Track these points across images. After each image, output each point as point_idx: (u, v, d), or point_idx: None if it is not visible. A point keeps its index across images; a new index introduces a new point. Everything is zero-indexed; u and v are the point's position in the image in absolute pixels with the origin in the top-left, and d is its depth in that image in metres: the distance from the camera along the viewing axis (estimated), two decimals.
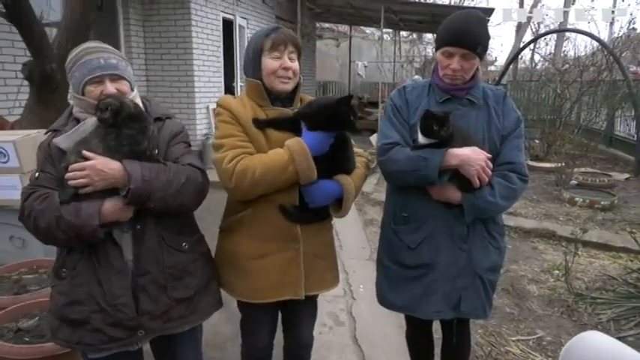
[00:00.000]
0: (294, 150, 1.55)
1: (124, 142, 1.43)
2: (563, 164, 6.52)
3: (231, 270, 1.72)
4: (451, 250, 1.72)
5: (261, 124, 1.64)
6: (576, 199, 5.65)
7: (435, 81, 1.79)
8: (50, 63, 3.42)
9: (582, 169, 7.00)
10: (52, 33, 3.96)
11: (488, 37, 1.70)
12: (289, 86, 1.68)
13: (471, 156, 1.60)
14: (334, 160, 1.64)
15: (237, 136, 1.61)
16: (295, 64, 1.68)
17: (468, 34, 1.64)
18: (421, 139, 1.67)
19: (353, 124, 1.58)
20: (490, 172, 1.64)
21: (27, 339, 1.99)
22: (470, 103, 1.74)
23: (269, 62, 1.65)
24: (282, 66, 1.64)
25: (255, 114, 1.66)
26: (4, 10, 3.29)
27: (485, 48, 1.69)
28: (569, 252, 3.52)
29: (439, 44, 1.72)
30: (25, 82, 3.74)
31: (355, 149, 1.79)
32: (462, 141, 1.64)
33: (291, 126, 1.63)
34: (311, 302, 1.87)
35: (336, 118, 1.57)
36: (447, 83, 1.73)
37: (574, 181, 6.44)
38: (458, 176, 1.64)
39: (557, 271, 3.72)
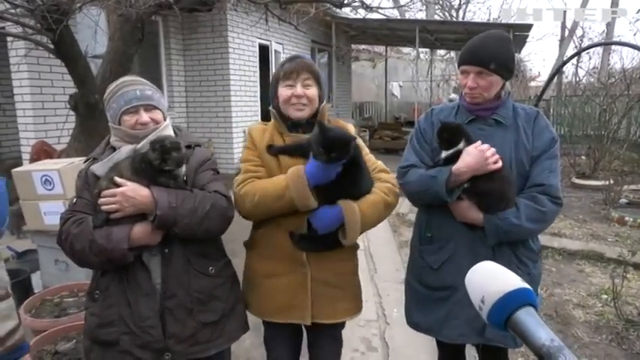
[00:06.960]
0: (290, 178, 1.58)
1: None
2: (612, 181, 6.21)
3: (247, 285, 1.78)
4: None
5: (273, 151, 1.69)
6: (626, 218, 5.34)
7: (462, 102, 1.80)
8: (94, 94, 3.62)
9: (633, 187, 6.62)
10: (97, 65, 4.20)
11: (507, 54, 1.67)
12: (304, 114, 1.70)
13: (470, 162, 1.58)
14: (342, 187, 1.62)
15: (252, 161, 1.71)
16: (310, 91, 1.69)
17: (479, 52, 1.65)
18: (443, 153, 1.68)
19: (319, 153, 1.52)
20: (497, 156, 1.60)
21: None
22: (496, 123, 1.71)
23: (283, 91, 1.70)
24: (294, 94, 1.68)
25: (274, 140, 1.71)
26: (51, 46, 3.53)
27: (504, 65, 1.65)
28: (618, 275, 3.32)
29: (458, 64, 1.75)
30: (72, 113, 3.98)
31: (382, 174, 1.75)
32: None
33: (303, 153, 1.64)
34: (331, 331, 1.82)
35: (308, 149, 1.57)
36: (469, 102, 1.73)
37: (624, 200, 6.10)
38: (476, 194, 1.62)
39: (606, 296, 3.51)
